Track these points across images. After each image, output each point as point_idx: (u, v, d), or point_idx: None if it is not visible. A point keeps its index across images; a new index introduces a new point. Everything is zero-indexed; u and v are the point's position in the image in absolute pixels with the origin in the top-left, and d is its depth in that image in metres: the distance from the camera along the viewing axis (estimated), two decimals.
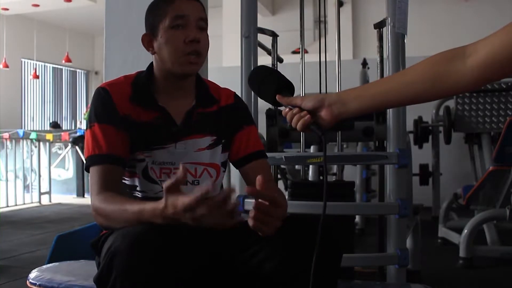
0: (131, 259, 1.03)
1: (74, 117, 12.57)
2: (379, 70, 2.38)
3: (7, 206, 6.38)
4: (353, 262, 2.17)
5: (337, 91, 2.10)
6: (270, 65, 2.53)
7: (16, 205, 6.57)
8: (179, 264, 1.10)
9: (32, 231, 4.80)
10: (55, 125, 9.35)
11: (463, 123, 3.93)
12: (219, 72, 4.96)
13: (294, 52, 6.33)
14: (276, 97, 1.15)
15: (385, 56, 2.18)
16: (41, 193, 7.05)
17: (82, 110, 12.43)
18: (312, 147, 3.57)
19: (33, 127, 11.01)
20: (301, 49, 2.50)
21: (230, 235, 1.24)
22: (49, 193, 7.23)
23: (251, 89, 1.26)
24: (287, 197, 2.40)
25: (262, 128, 2.40)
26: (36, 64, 11.09)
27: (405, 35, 2.05)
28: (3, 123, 8.74)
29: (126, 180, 1.34)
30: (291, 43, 5.20)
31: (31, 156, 7.36)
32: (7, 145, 7.81)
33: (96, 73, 12.77)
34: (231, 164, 1.47)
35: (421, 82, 1.02)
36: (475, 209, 3.70)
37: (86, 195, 7.76)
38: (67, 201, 7.33)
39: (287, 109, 1.14)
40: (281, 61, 2.76)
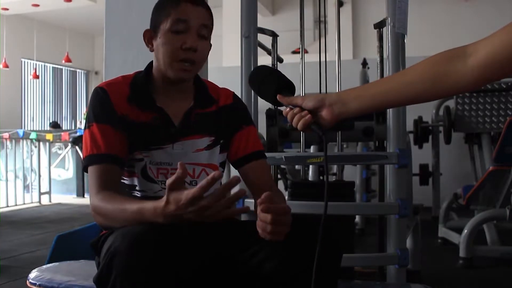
0: (130, 259, 1.02)
1: (74, 117, 12.57)
2: (379, 70, 2.38)
3: (7, 206, 6.38)
4: (353, 262, 2.17)
5: (337, 91, 2.10)
6: (270, 65, 2.53)
7: (16, 205, 6.57)
8: (179, 264, 1.10)
9: (32, 231, 4.80)
10: (55, 125, 9.34)
11: (463, 123, 3.93)
12: (219, 72, 4.96)
13: (294, 52, 6.33)
14: (277, 97, 1.15)
15: (385, 56, 2.18)
16: (41, 193, 7.05)
17: (82, 110, 12.44)
18: (312, 147, 3.57)
19: (33, 127, 11.02)
20: (301, 49, 2.50)
21: (230, 235, 1.24)
22: (49, 193, 7.23)
23: (251, 88, 1.26)
24: (287, 197, 2.40)
25: (262, 128, 2.40)
26: (36, 64, 11.09)
27: (405, 35, 2.05)
28: (3, 123, 8.74)
29: (125, 179, 1.34)
30: (291, 43, 5.20)
31: (31, 156, 7.36)
32: (7, 145, 7.81)
33: (96, 73, 12.77)
34: (230, 165, 1.47)
35: (421, 82, 1.02)
36: (475, 209, 3.70)
37: (86, 195, 7.75)
38: (67, 201, 7.33)
39: (288, 109, 1.14)
40: (281, 61, 2.76)
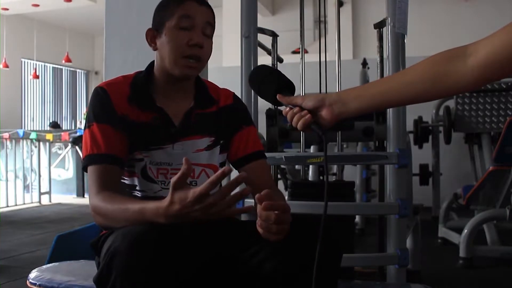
0: (130, 259, 1.02)
1: (74, 117, 12.57)
2: (379, 70, 2.38)
3: (7, 206, 6.38)
4: (353, 262, 2.17)
5: (337, 91, 2.10)
6: (270, 65, 2.52)
7: (16, 205, 6.57)
8: (179, 264, 1.10)
9: (32, 231, 4.80)
10: (55, 125, 9.35)
11: (463, 123, 3.93)
12: (219, 72, 4.97)
13: (294, 52, 6.33)
14: (277, 97, 1.15)
15: (385, 56, 2.18)
16: (41, 193, 7.05)
17: (82, 110, 12.44)
18: (312, 147, 3.57)
19: (33, 127, 11.02)
20: (301, 49, 2.50)
21: (230, 235, 1.24)
22: (49, 193, 7.23)
23: (251, 88, 1.26)
24: (287, 197, 2.40)
25: (262, 128, 2.40)
26: (36, 64, 11.09)
27: (405, 35, 2.05)
28: (3, 123, 8.74)
29: (125, 179, 1.34)
30: (291, 43, 5.20)
31: (31, 156, 7.36)
32: (7, 145, 7.81)
33: (96, 73, 12.77)
34: (231, 165, 1.47)
35: (421, 82, 1.02)
36: (475, 209, 3.70)
37: (86, 195, 7.74)
38: (67, 201, 7.33)
39: (288, 109, 1.14)
40: (281, 61, 2.76)
